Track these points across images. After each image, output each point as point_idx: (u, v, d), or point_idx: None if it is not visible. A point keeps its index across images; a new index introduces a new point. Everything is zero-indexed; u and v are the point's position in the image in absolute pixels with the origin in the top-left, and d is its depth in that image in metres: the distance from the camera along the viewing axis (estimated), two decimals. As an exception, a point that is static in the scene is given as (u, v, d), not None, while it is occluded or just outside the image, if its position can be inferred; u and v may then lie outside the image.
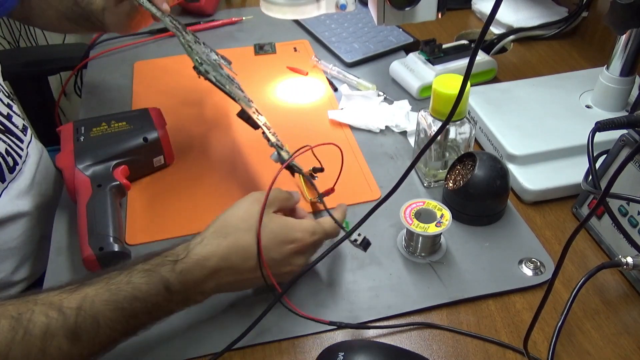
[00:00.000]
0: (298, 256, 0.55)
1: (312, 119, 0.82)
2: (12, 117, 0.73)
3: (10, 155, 0.70)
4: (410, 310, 0.56)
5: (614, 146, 0.61)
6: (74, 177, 0.66)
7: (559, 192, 0.68)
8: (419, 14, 0.64)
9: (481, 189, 0.62)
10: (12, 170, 0.70)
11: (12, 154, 0.71)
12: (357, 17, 1.07)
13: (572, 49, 0.98)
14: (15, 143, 0.72)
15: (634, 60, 0.71)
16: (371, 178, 0.72)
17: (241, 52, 1.00)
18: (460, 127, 0.66)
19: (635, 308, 0.56)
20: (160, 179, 0.73)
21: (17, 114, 0.75)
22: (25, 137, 0.75)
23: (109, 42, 1.04)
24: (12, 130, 0.72)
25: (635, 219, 0.58)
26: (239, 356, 0.53)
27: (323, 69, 0.93)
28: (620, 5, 0.62)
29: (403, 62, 0.89)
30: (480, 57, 0.88)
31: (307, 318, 0.54)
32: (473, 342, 0.53)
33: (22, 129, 0.75)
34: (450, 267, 0.60)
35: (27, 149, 0.75)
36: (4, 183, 0.69)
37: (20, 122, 0.75)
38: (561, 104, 0.76)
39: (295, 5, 0.63)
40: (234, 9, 1.16)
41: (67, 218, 0.68)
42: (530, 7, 1.04)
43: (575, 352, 0.52)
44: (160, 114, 0.75)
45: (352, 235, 0.55)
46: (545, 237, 0.64)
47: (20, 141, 0.73)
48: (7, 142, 0.71)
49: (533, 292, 0.58)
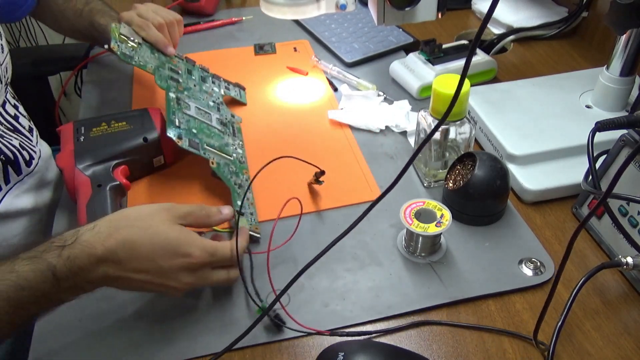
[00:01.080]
0: (187, 273, 0.51)
1: (312, 119, 0.82)
2: (18, 118, 0.75)
3: (26, 149, 0.72)
4: (410, 310, 0.56)
5: (614, 146, 0.61)
6: (74, 177, 0.66)
7: (559, 192, 0.68)
8: (419, 14, 0.64)
9: (481, 189, 0.62)
10: (29, 163, 0.71)
11: (27, 149, 0.72)
12: (357, 17, 1.07)
13: (572, 49, 0.97)
14: (26, 141, 0.74)
15: (634, 60, 0.71)
16: (371, 178, 0.72)
17: (241, 52, 1.00)
18: (460, 127, 0.66)
19: (635, 308, 0.56)
20: (160, 179, 0.73)
21: (23, 115, 0.77)
22: (32, 137, 0.77)
23: (109, 42, 1.04)
24: (20, 130, 0.74)
25: (635, 219, 0.58)
26: (239, 356, 0.53)
27: (323, 69, 0.93)
28: (620, 5, 0.62)
29: (403, 62, 0.89)
30: (480, 57, 0.88)
31: (301, 328, 0.54)
32: (473, 342, 0.53)
33: (29, 130, 0.76)
34: (450, 267, 0.60)
35: (37, 146, 0.76)
36: (20, 176, 0.70)
37: (27, 123, 0.77)
38: (561, 104, 0.76)
39: (295, 5, 0.63)
40: (234, 9, 1.16)
41: (67, 218, 0.68)
42: (530, 7, 1.04)
43: (575, 352, 0.52)
44: (160, 114, 0.75)
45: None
46: (545, 237, 0.64)
47: (29, 140, 0.75)
48: (19, 138, 0.72)
49: (533, 292, 0.58)
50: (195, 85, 0.79)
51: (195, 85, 0.79)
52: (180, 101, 0.71)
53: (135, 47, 0.77)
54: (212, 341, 0.53)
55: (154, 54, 0.79)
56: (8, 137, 0.70)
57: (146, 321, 0.56)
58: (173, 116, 0.68)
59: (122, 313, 0.56)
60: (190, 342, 0.54)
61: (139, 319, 0.56)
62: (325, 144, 0.78)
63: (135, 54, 0.76)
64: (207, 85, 0.81)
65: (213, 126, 0.73)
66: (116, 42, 0.74)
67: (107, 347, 0.54)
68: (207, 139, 0.69)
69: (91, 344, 0.54)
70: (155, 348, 0.53)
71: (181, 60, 0.82)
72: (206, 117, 0.73)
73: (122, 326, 0.55)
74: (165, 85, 0.74)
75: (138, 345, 0.53)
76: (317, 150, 0.76)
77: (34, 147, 0.75)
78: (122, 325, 0.55)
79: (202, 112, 0.73)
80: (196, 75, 0.81)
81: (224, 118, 0.77)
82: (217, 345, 0.52)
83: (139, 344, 0.54)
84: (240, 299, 0.57)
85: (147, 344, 0.54)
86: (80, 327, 0.55)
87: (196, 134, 0.68)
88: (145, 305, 0.57)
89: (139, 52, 0.77)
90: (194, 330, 0.55)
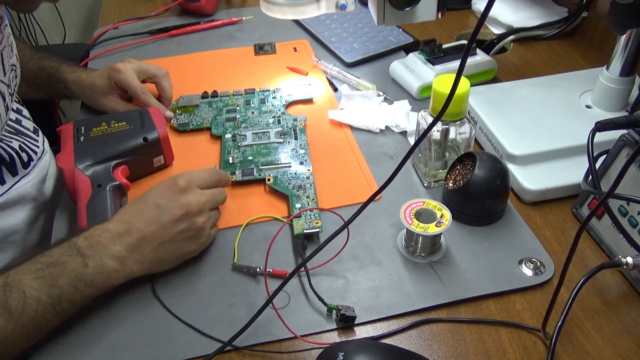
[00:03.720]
0: (184, 194, 0.57)
1: (312, 119, 0.82)
2: (21, 122, 0.75)
3: (25, 151, 0.72)
4: (410, 310, 0.56)
5: (614, 146, 0.61)
6: (74, 177, 0.66)
7: (559, 192, 0.68)
8: (419, 14, 0.64)
9: (481, 189, 0.62)
10: (26, 165, 0.72)
11: (26, 150, 0.72)
12: (357, 17, 1.07)
13: (572, 49, 0.98)
14: (30, 142, 0.74)
15: (634, 60, 0.71)
16: (371, 178, 0.72)
17: (241, 52, 1.00)
18: (460, 127, 0.66)
19: (635, 308, 0.56)
20: (160, 179, 0.73)
21: (27, 117, 0.77)
22: (39, 137, 0.77)
23: (109, 42, 1.04)
24: (23, 132, 0.74)
25: (635, 219, 0.58)
26: (239, 356, 0.53)
27: (323, 69, 0.93)
28: (620, 5, 0.62)
29: (403, 62, 0.89)
30: (480, 57, 0.88)
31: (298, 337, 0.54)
32: (473, 342, 0.53)
33: (34, 131, 0.77)
34: (450, 267, 0.60)
35: (43, 146, 0.77)
36: (16, 177, 0.70)
37: (31, 125, 0.77)
38: (561, 104, 0.76)
39: (295, 5, 0.63)
40: (234, 9, 1.16)
41: (67, 218, 0.68)
42: (530, 7, 1.04)
43: (575, 352, 0.52)
44: (160, 114, 0.75)
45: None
46: (545, 237, 0.64)
47: (34, 140, 0.75)
48: (20, 140, 0.72)
49: (533, 292, 0.58)
50: (254, 112, 0.83)
51: (254, 112, 0.83)
52: (236, 137, 0.77)
53: (192, 111, 0.84)
54: (212, 341, 0.53)
55: (212, 107, 0.84)
56: (7, 140, 0.70)
57: (147, 321, 0.56)
58: (227, 156, 0.74)
59: (122, 313, 0.56)
60: (188, 343, 0.54)
61: (139, 318, 0.56)
62: (325, 144, 0.78)
63: (191, 120, 0.82)
64: (267, 105, 0.84)
65: (271, 142, 0.76)
66: (175, 117, 0.82)
67: (107, 347, 0.54)
68: (264, 157, 0.74)
69: (91, 343, 0.54)
70: (156, 348, 0.53)
71: (240, 96, 0.86)
72: (264, 137, 0.77)
73: (121, 326, 0.55)
74: (221, 131, 0.79)
75: (137, 345, 0.53)
76: (317, 150, 0.76)
77: (37, 149, 0.75)
78: (121, 325, 0.56)
79: (260, 134, 0.78)
80: (255, 102, 0.85)
81: (284, 127, 0.79)
82: (217, 345, 0.52)
83: (138, 344, 0.54)
84: (241, 299, 0.57)
85: (146, 344, 0.54)
86: (79, 327, 0.55)
87: (252, 159, 0.74)
88: (145, 304, 0.57)
89: (196, 114, 0.83)
90: (191, 331, 0.55)
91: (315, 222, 0.63)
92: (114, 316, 0.56)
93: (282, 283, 0.53)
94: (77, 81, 0.82)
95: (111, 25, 1.08)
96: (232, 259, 0.61)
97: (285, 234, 0.64)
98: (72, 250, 0.53)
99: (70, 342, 0.54)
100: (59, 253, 0.52)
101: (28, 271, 0.50)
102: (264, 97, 0.86)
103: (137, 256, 0.55)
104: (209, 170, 0.63)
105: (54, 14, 1.78)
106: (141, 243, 0.55)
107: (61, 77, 0.82)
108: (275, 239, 0.58)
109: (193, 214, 0.57)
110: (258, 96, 0.86)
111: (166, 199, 0.57)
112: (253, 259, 0.61)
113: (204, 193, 0.59)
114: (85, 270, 0.52)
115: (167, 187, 0.58)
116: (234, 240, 0.63)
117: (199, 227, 0.58)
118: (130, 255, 0.55)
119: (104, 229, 0.55)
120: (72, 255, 0.52)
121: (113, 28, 1.08)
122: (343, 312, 0.54)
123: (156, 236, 0.56)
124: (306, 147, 0.76)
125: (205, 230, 0.59)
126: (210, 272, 0.60)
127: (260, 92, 0.87)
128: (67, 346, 0.54)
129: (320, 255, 0.55)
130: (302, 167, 0.72)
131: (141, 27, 1.08)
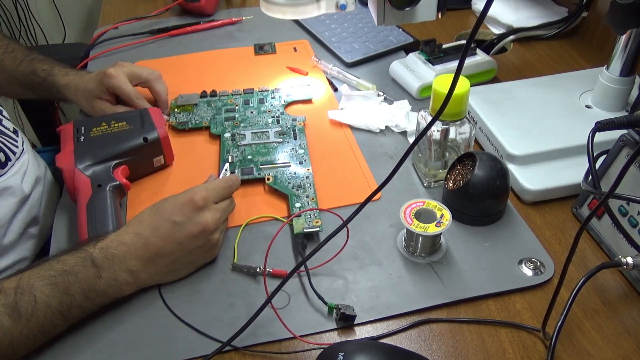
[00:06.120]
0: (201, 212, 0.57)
1: (312, 119, 0.82)
2: (2, 121, 0.74)
3: (3, 151, 0.71)
4: (410, 310, 0.56)
5: (614, 146, 0.61)
6: (74, 177, 0.66)
7: (559, 192, 0.68)
8: (419, 14, 0.64)
9: (481, 189, 0.62)
10: (3, 165, 0.70)
11: (4, 150, 0.71)
12: (357, 17, 1.07)
13: (572, 49, 0.98)
14: (9, 141, 0.73)
15: (634, 60, 0.71)
16: (371, 178, 0.72)
17: (241, 52, 1.00)
18: (460, 127, 0.66)
19: (635, 308, 0.56)
20: (160, 179, 0.73)
21: (6, 118, 0.76)
22: (18, 138, 0.75)
23: (109, 42, 1.04)
24: (2, 132, 0.73)
25: (635, 219, 0.58)
26: (239, 356, 0.53)
27: (323, 69, 0.93)
28: (620, 5, 0.62)
29: (403, 62, 0.89)
30: (480, 57, 0.88)
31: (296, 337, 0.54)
32: (473, 342, 0.53)
33: (13, 131, 0.75)
34: (450, 267, 0.60)
35: (22, 146, 0.75)
36: None
37: (11, 126, 0.76)
38: (561, 104, 0.76)
39: (295, 5, 0.63)
40: (234, 9, 1.16)
41: (67, 218, 0.68)
42: (530, 7, 1.04)
43: (575, 352, 0.52)
44: (160, 114, 0.75)
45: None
46: (545, 237, 0.64)
47: (14, 140, 0.74)
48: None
49: (533, 292, 0.58)
50: (253, 112, 0.83)
51: (252, 112, 0.83)
52: (235, 136, 0.78)
53: (191, 110, 0.84)
54: (212, 341, 0.53)
55: (210, 106, 0.84)
56: None
57: (147, 320, 0.56)
58: (227, 155, 0.74)
59: (122, 312, 0.56)
60: (187, 343, 0.54)
61: (139, 318, 0.56)
62: (326, 144, 0.78)
63: (190, 118, 0.82)
64: (266, 105, 0.84)
65: (270, 142, 0.76)
66: (174, 115, 0.82)
67: (106, 346, 0.54)
68: (263, 157, 0.74)
69: (91, 342, 0.54)
70: (155, 348, 0.53)
71: (239, 96, 0.86)
72: (263, 137, 0.77)
73: (121, 326, 0.55)
74: (220, 130, 0.79)
75: (136, 345, 0.53)
76: (317, 150, 0.76)
77: (16, 149, 0.73)
78: (121, 325, 0.56)
79: (259, 134, 0.78)
80: (254, 102, 0.85)
81: (284, 127, 0.79)
82: (217, 345, 0.52)
83: (137, 344, 0.54)
84: (240, 300, 0.57)
85: (144, 344, 0.54)
86: (80, 326, 0.55)
87: (251, 159, 0.74)
88: (145, 304, 0.57)
89: (195, 113, 0.83)
90: (191, 331, 0.55)
91: (315, 221, 0.63)
92: (114, 316, 0.56)
93: (281, 282, 0.53)
94: (68, 85, 0.81)
95: (111, 25, 1.08)
96: (232, 259, 0.61)
97: (285, 234, 0.64)
98: (86, 261, 0.53)
99: (71, 341, 0.54)
100: (73, 262, 0.52)
101: (41, 277, 0.51)
102: (262, 97, 0.86)
103: (151, 270, 0.56)
104: (224, 182, 0.62)
105: (54, 14, 1.77)
106: (156, 258, 0.56)
107: (53, 80, 0.82)
108: (275, 238, 0.58)
109: (210, 232, 0.58)
110: (257, 96, 0.86)
111: (183, 216, 0.56)
112: (253, 259, 0.61)
113: (219, 208, 0.59)
114: (99, 281, 0.53)
115: (184, 202, 0.57)
116: (233, 240, 0.63)
117: (214, 244, 0.59)
118: (145, 269, 0.55)
119: (120, 241, 0.55)
120: (87, 267, 0.52)
121: (113, 28, 1.08)
122: (343, 310, 0.54)
123: (172, 252, 0.56)
124: (305, 147, 0.76)
125: (218, 243, 0.60)
126: (210, 272, 0.60)
127: (259, 92, 0.87)
128: (67, 345, 0.54)
129: (320, 256, 0.55)
130: (301, 167, 0.72)
131: (141, 27, 1.08)
